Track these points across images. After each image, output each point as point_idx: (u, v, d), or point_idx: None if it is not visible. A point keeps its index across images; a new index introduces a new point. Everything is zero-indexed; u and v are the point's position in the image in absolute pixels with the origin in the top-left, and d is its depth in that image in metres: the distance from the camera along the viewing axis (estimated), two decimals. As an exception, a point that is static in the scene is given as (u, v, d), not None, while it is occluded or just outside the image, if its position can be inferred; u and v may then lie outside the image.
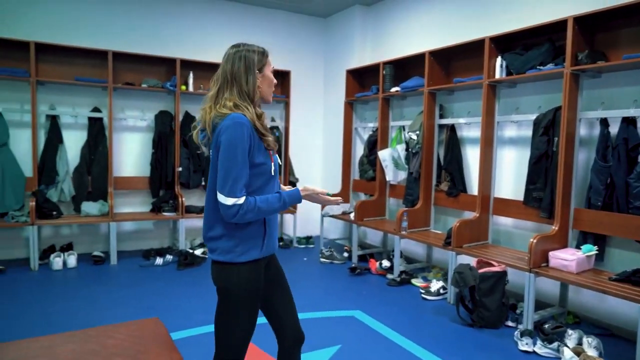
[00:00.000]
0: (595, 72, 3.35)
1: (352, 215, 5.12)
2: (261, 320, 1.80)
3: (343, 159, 5.84)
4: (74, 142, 4.99)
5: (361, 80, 5.80)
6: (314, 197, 1.72)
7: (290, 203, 1.66)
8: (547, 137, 3.53)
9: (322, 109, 6.49)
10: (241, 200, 1.51)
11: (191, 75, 5.34)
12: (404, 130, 5.04)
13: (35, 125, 4.63)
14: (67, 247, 4.85)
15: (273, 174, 1.67)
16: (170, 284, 4.20)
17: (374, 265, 4.66)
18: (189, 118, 5.40)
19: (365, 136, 5.75)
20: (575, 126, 3.38)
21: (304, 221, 6.13)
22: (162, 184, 5.32)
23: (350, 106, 5.81)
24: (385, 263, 4.56)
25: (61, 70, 4.84)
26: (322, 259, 5.08)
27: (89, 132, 5.03)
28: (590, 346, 2.87)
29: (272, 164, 1.66)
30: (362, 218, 5.06)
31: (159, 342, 1.44)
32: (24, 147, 4.71)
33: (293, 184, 6.09)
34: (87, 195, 4.99)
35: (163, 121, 5.28)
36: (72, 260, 4.59)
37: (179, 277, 4.44)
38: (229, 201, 1.51)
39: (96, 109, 5.04)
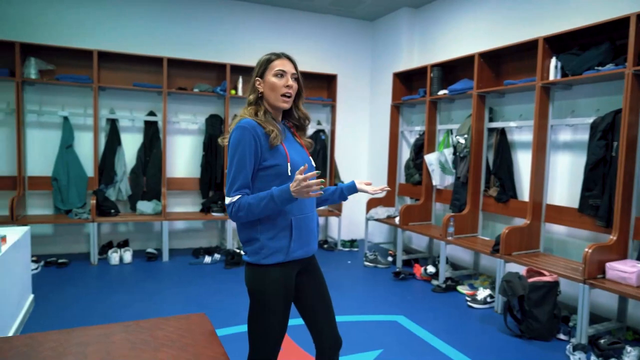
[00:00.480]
0: (660, 73, 3.15)
1: (397, 220, 5.07)
2: (301, 321, 1.84)
3: (389, 162, 5.80)
4: (131, 145, 5.27)
5: (408, 83, 5.75)
6: (302, 186, 1.50)
7: (280, 197, 1.54)
8: (605, 142, 3.35)
9: (369, 112, 6.49)
10: (234, 199, 1.57)
11: (240, 79, 5.50)
12: (452, 133, 4.94)
13: (97, 129, 4.94)
14: (124, 244, 5.13)
15: (290, 174, 1.65)
16: (217, 282, 4.34)
17: (418, 270, 4.60)
18: (237, 121, 5.56)
19: (412, 140, 5.69)
20: (638, 130, 3.19)
21: (349, 224, 6.15)
22: (211, 185, 5.50)
23: (396, 109, 5.77)
24: (430, 269, 4.48)
25: (120, 77, 5.14)
26: (366, 263, 5.07)
27: (145, 135, 5.29)
28: (651, 365, 2.70)
29: (289, 163, 1.64)
30: (407, 222, 5.00)
31: (205, 336, 1.50)
32: (86, 149, 5.04)
33: (338, 187, 6.12)
34: (142, 194, 5.25)
35: (213, 124, 5.47)
36: (127, 256, 4.84)
37: (225, 275, 4.58)
38: (227, 200, 1.60)
39: (151, 113, 5.30)
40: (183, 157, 5.56)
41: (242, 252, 3.75)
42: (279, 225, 1.64)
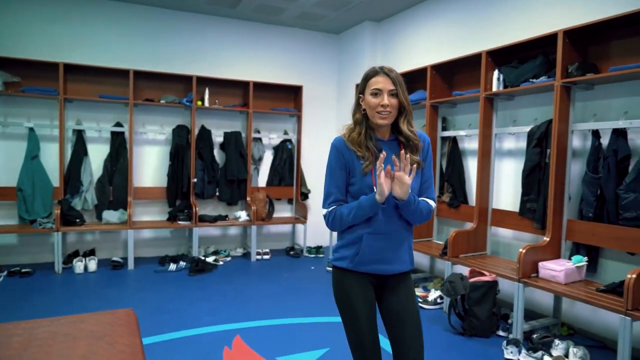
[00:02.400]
0: (588, 85, 3.38)
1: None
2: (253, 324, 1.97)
3: (352, 170, 5.97)
4: (97, 155, 5.36)
5: (371, 94, 5.94)
6: (381, 184, 1.58)
7: (367, 202, 1.63)
8: (539, 149, 3.57)
9: (335, 122, 6.67)
10: (329, 210, 1.74)
11: (207, 91, 5.64)
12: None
13: (63, 139, 5.02)
14: (90, 253, 5.18)
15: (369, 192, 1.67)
16: (179, 288, 4.43)
17: (376, 274, 4.75)
18: (204, 132, 5.70)
19: (374, 148, 5.87)
20: (567, 138, 3.41)
21: (315, 231, 6.28)
22: (178, 194, 5.60)
23: (359, 119, 5.95)
24: (387, 272, 4.64)
25: (87, 88, 5.24)
26: (329, 268, 5.20)
27: (112, 145, 5.39)
28: (576, 356, 2.89)
29: (375, 188, 1.62)
30: (368, 228, 5.15)
31: (125, 328, 1.62)
32: (52, 159, 5.10)
33: (305, 195, 6.27)
34: (108, 204, 5.32)
35: (180, 135, 5.59)
36: (92, 265, 4.90)
37: (189, 282, 4.67)
38: (323, 212, 1.77)
39: (118, 124, 5.40)
40: (150, 166, 5.66)
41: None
42: (353, 236, 1.73)
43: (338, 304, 1.81)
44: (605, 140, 3.23)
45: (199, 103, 5.61)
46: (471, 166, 4.49)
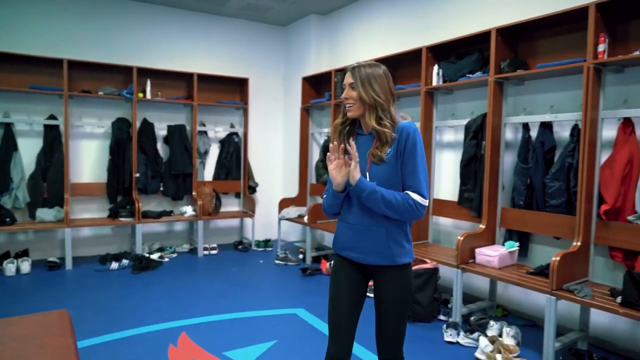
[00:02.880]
0: (518, 80, 3.58)
1: (305, 218, 5.28)
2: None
3: (300, 163, 6.01)
4: (29, 149, 5.04)
5: (317, 87, 5.99)
6: (331, 171, 1.73)
7: (331, 189, 1.80)
8: (476, 141, 3.75)
9: (282, 115, 6.66)
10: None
11: (149, 83, 5.45)
12: (355, 135, 5.22)
13: (-11, 133, 4.68)
14: (22, 254, 4.88)
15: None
16: (122, 287, 4.28)
17: (324, 266, 4.82)
18: (146, 125, 5.50)
19: (322, 141, 5.93)
20: (501, 131, 3.60)
21: (263, 224, 6.27)
22: (119, 190, 5.39)
23: (306, 112, 5.99)
24: (335, 263, 4.72)
25: (16, 79, 4.90)
26: (277, 261, 5.22)
27: (45, 139, 5.08)
28: (509, 335, 3.08)
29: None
30: (316, 220, 5.21)
31: (58, 329, 1.56)
32: (-23, 155, 4.75)
33: (253, 188, 6.23)
34: (42, 201, 5.03)
35: (120, 128, 5.37)
36: (25, 266, 4.63)
37: (132, 280, 4.52)
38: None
39: (52, 117, 5.10)
40: (88, 161, 5.40)
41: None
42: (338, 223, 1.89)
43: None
44: (534, 133, 3.45)
45: (140, 95, 5.41)
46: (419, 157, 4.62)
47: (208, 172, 6.11)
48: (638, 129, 2.90)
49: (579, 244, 2.94)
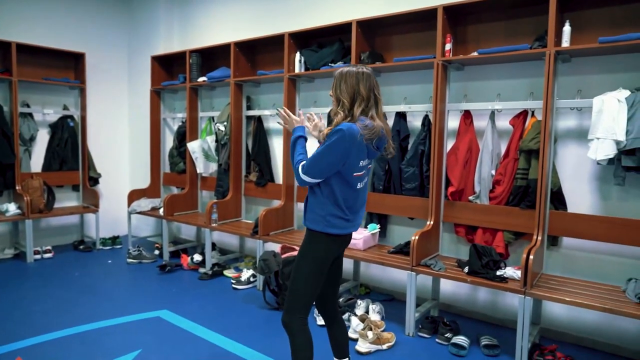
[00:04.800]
0: (376, 72, 3.78)
1: (161, 211, 4.86)
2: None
3: (151, 151, 5.49)
4: None
5: (169, 68, 5.52)
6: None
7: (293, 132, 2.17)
8: (339, 129, 3.87)
9: (127, 97, 5.98)
10: None
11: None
12: (214, 121, 4.98)
13: None
14: None
15: None
16: None
17: (185, 260, 4.52)
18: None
19: (175, 127, 5.50)
20: (361, 119, 3.78)
21: (110, 220, 5.60)
22: None
23: (157, 95, 5.48)
24: (197, 257, 4.47)
25: None
26: (129, 260, 4.71)
27: None
28: (374, 312, 3.29)
29: None
30: (172, 213, 4.84)
31: None
32: None
33: (95, 180, 5.50)
34: None
35: None
36: None
37: None
38: None
39: None
40: None
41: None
42: None
43: None
44: (390, 122, 3.69)
45: None
46: (276, 145, 4.61)
47: (36, 162, 5.17)
48: (476, 120, 3.33)
49: (432, 223, 3.28)
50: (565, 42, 2.79)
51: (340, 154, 1.87)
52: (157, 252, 4.95)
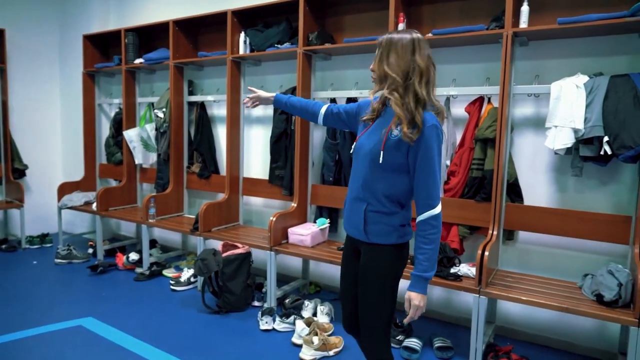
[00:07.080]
0: (326, 55, 3.52)
1: (94, 205, 4.42)
2: None
3: (84, 140, 5.00)
4: None
5: (104, 49, 5.03)
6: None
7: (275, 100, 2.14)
8: (285, 116, 3.59)
9: (59, 80, 5.43)
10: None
11: None
12: (153, 107, 4.56)
13: None
14: None
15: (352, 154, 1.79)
16: None
17: (120, 260, 4.12)
18: None
19: (112, 114, 5.03)
20: (310, 105, 3.50)
21: (38, 216, 5.09)
22: None
23: (90, 78, 4.99)
24: (133, 256, 4.08)
25: None
26: (58, 260, 4.26)
27: None
28: (323, 313, 3.05)
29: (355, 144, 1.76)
30: (107, 207, 4.42)
31: None
32: None
33: (21, 172, 4.97)
34: None
35: None
36: None
37: None
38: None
39: None
40: None
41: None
42: None
43: None
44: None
45: None
46: (221, 134, 4.26)
47: (-52, 151, 4.60)
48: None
49: (383, 217, 3.05)
50: (524, 23, 2.61)
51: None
52: (90, 250, 4.51)
